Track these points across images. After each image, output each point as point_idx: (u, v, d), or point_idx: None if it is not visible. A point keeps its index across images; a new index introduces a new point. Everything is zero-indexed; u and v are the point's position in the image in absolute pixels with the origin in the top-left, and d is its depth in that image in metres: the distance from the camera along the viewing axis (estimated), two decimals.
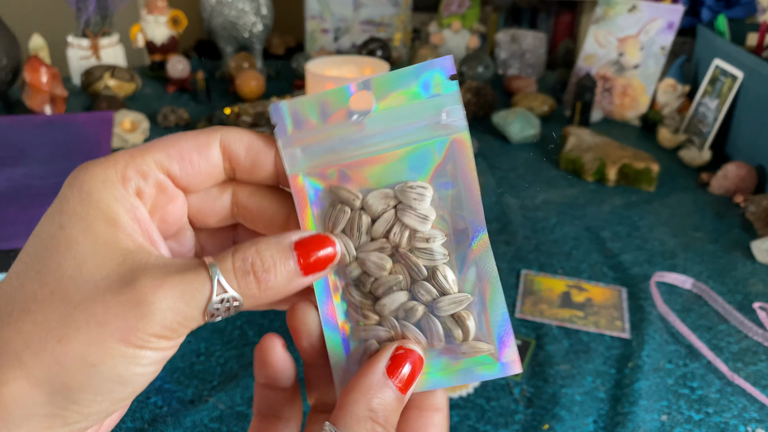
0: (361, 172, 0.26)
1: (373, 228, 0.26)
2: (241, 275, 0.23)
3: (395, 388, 0.25)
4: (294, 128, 0.26)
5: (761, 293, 0.70)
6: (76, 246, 0.23)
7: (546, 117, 1.17)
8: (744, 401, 0.55)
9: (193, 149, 0.25)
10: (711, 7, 1.19)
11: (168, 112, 1.10)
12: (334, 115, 0.26)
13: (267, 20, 1.32)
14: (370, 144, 0.26)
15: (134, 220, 0.24)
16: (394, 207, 0.26)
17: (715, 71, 1.02)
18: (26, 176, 0.86)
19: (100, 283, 0.22)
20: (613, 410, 0.54)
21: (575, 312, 0.66)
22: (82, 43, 1.25)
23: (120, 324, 0.21)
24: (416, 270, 0.26)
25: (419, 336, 0.26)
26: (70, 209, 0.23)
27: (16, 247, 0.70)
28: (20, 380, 0.21)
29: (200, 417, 0.52)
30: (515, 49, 1.36)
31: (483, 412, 0.54)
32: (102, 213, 0.23)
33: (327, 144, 0.26)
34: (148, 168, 0.25)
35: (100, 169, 0.24)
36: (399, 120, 0.25)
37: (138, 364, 0.22)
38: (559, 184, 0.94)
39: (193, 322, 0.23)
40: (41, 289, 0.22)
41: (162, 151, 0.25)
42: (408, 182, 0.26)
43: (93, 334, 0.21)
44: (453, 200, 0.26)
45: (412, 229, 0.26)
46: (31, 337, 0.21)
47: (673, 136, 1.06)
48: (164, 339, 0.22)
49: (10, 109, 1.14)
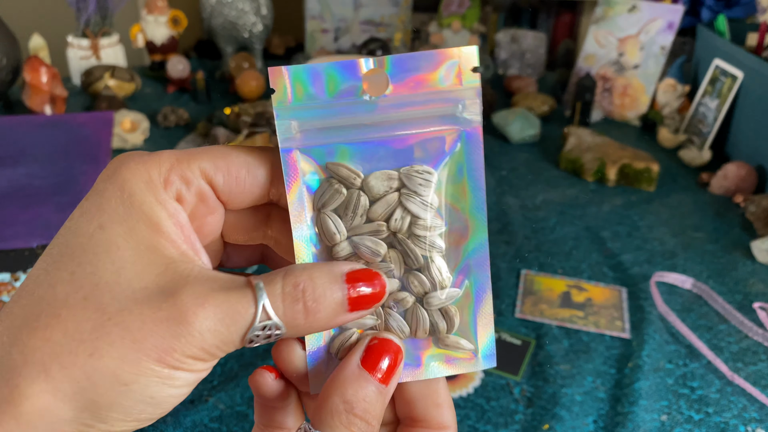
0: (363, 154, 0.25)
1: (371, 209, 0.25)
2: (290, 302, 0.22)
3: (374, 380, 0.24)
4: (294, 98, 0.24)
5: (761, 293, 0.70)
6: (116, 250, 0.21)
7: (546, 117, 1.17)
8: (744, 401, 0.55)
9: (242, 165, 0.24)
10: (711, 7, 1.18)
11: (168, 112, 1.10)
12: (342, 90, 0.24)
13: (267, 20, 1.32)
14: (378, 127, 0.24)
15: (177, 225, 0.23)
16: (396, 190, 0.25)
17: (715, 71, 1.02)
18: (26, 176, 0.86)
19: (139, 293, 0.21)
20: (613, 410, 0.54)
21: (575, 312, 0.66)
22: (82, 43, 1.25)
23: (157, 342, 0.20)
24: (413, 258, 0.25)
25: (403, 326, 0.25)
26: (111, 209, 0.22)
27: (16, 247, 0.70)
28: (46, 394, 0.20)
29: (200, 417, 0.52)
30: (515, 49, 1.36)
31: (483, 412, 0.54)
32: (145, 216, 0.22)
33: (330, 121, 0.24)
34: (192, 175, 0.23)
35: (143, 168, 0.22)
36: (413, 106, 0.24)
37: (171, 385, 0.21)
38: (559, 184, 0.94)
39: (231, 347, 0.22)
40: (74, 294, 0.21)
41: (210, 160, 0.24)
42: (414, 166, 0.25)
43: (127, 351, 0.20)
44: (455, 194, 0.25)
45: (414, 215, 0.25)
46: (60, 348, 0.20)
47: (673, 136, 1.06)
48: (200, 361, 0.21)
49: (10, 109, 1.14)
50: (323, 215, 0.25)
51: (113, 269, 0.21)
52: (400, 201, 0.25)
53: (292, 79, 0.24)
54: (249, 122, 1.02)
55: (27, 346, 0.20)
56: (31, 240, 0.71)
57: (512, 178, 0.96)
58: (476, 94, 0.24)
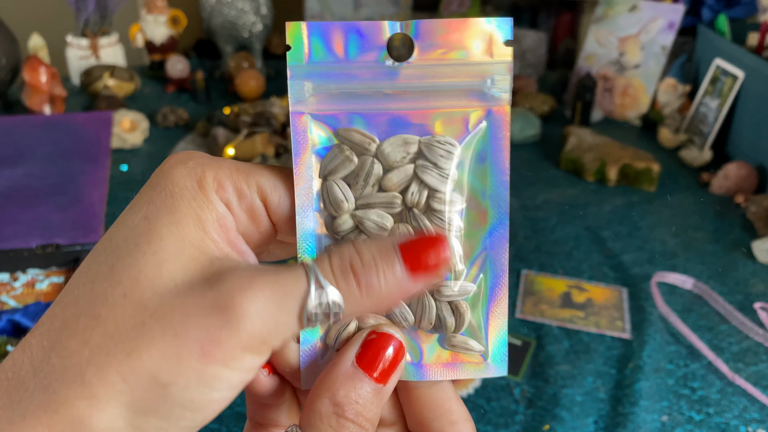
0: (380, 124, 0.23)
1: (385, 178, 0.23)
2: (341, 275, 0.20)
3: (370, 378, 0.22)
4: (310, 58, 0.22)
5: (762, 293, 0.70)
6: (159, 241, 0.20)
7: (546, 117, 1.17)
8: (745, 402, 0.55)
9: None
10: (712, 6, 1.18)
11: (167, 111, 1.10)
12: (363, 54, 0.22)
13: (267, 20, 1.32)
14: (399, 97, 0.22)
15: (223, 228, 0.21)
16: (414, 159, 0.23)
17: (715, 71, 1.02)
18: (26, 176, 0.86)
19: (182, 287, 0.19)
20: (613, 411, 0.54)
21: (576, 312, 0.66)
22: (82, 43, 1.25)
23: (200, 335, 0.18)
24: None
25: (407, 314, 0.23)
26: (159, 201, 0.21)
27: (15, 247, 0.70)
28: (80, 401, 0.18)
29: None
30: (515, 49, 1.36)
31: (483, 412, 0.54)
32: (193, 212, 0.21)
33: (347, 85, 0.22)
34: (248, 188, 0.22)
35: (199, 168, 0.21)
36: (438, 77, 0.22)
37: (214, 388, 0.19)
38: (560, 184, 0.94)
39: (287, 330, 0.20)
40: (112, 290, 0.19)
41: (270, 177, 0.22)
42: (436, 135, 0.22)
43: (168, 348, 0.18)
44: (476, 177, 0.23)
45: (432, 188, 0.22)
46: (99, 350, 0.19)
47: (673, 136, 1.06)
48: (250, 353, 0.19)
49: (9, 109, 1.14)
50: (330, 182, 0.23)
51: (155, 261, 0.20)
52: (415, 173, 0.22)
53: (312, 36, 0.22)
54: (248, 122, 1.02)
55: (66, 349, 0.19)
56: (31, 240, 0.71)
57: (512, 178, 0.95)
58: (508, 70, 0.22)
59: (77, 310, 0.19)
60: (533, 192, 0.91)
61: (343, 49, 0.22)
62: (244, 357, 0.19)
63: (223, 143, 0.96)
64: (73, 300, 0.20)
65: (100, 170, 0.87)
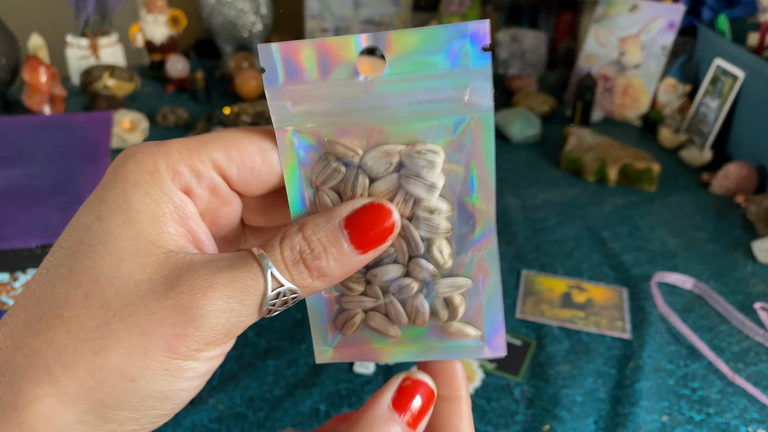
0: (362, 136, 0.23)
1: (372, 187, 0.23)
2: (292, 265, 0.21)
3: (403, 423, 0.23)
4: (286, 78, 0.22)
5: (762, 293, 0.70)
6: (114, 240, 0.20)
7: (546, 117, 1.17)
8: (745, 402, 0.55)
9: (256, 153, 0.23)
10: (712, 6, 1.18)
11: (167, 111, 1.10)
12: (335, 71, 0.22)
13: (266, 20, 1.32)
14: (377, 112, 0.22)
15: (181, 218, 0.22)
16: (396, 169, 0.23)
17: (716, 71, 1.02)
18: (25, 176, 0.86)
19: (142, 285, 0.20)
20: (613, 411, 0.54)
21: (576, 312, 0.66)
22: (81, 43, 1.25)
23: (166, 332, 0.19)
24: (414, 245, 0.23)
25: (401, 315, 0.24)
26: (111, 199, 0.21)
27: (15, 248, 0.69)
28: (50, 398, 0.19)
29: (200, 417, 0.52)
30: (516, 49, 1.36)
31: (483, 412, 0.54)
32: (146, 207, 0.21)
33: (324, 103, 0.22)
34: (203, 167, 0.22)
35: (149, 158, 0.22)
36: (414, 90, 0.22)
37: (182, 378, 0.20)
38: (560, 184, 0.94)
39: (248, 320, 0.21)
40: (74, 291, 0.20)
41: (222, 150, 0.22)
42: (416, 145, 0.22)
43: (135, 345, 0.19)
44: (463, 185, 0.23)
45: (417, 198, 0.23)
46: (65, 349, 0.19)
47: (674, 136, 1.06)
48: (213, 345, 0.20)
49: (9, 109, 1.14)
50: (321, 192, 0.23)
51: (112, 261, 0.20)
52: (400, 183, 0.23)
53: (282, 57, 0.22)
54: (248, 122, 1.02)
55: (31, 349, 0.19)
56: (30, 240, 0.71)
57: (512, 178, 0.96)
58: (487, 77, 0.22)
59: (40, 312, 0.20)
60: (533, 192, 0.91)
61: (315, 68, 0.22)
62: (209, 348, 0.20)
63: None
64: (35, 302, 0.20)
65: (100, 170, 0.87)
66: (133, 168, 0.21)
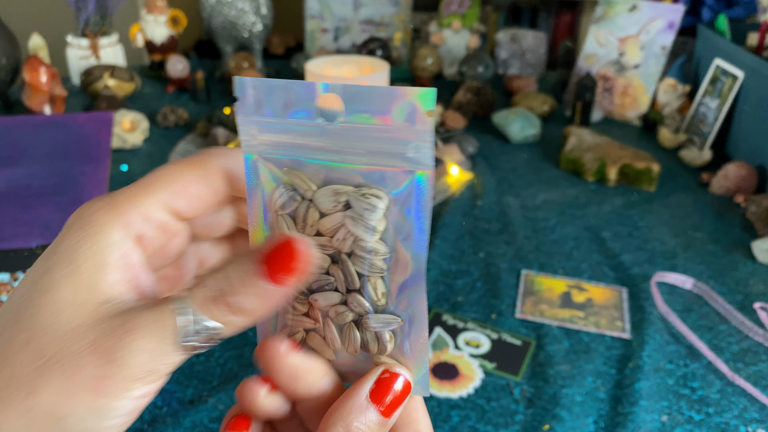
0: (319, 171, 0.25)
1: (321, 222, 0.25)
2: (212, 303, 0.23)
3: (378, 412, 0.24)
4: (255, 110, 0.24)
5: (762, 293, 0.70)
6: (56, 291, 0.22)
7: (546, 117, 1.17)
8: (745, 402, 0.55)
9: (197, 181, 0.25)
10: (711, 6, 1.18)
11: (167, 111, 1.10)
12: (297, 111, 0.24)
13: (267, 20, 1.32)
14: (330, 154, 0.24)
15: (126, 266, 0.24)
16: (343, 208, 0.25)
17: (715, 71, 1.02)
18: (26, 176, 0.86)
19: (74, 332, 0.22)
20: (613, 411, 0.54)
21: (576, 312, 0.66)
22: (82, 43, 1.25)
23: (90, 372, 0.21)
24: (350, 280, 0.25)
25: (336, 340, 0.26)
26: (61, 251, 0.23)
27: (15, 247, 0.70)
28: None
29: (200, 417, 0.52)
30: (515, 49, 1.36)
31: (483, 412, 0.54)
32: (91, 258, 0.23)
33: (286, 137, 0.25)
34: (153, 210, 0.24)
35: (102, 212, 0.24)
36: (362, 141, 0.24)
37: (108, 416, 0.21)
38: (560, 184, 0.94)
39: (169, 358, 0.22)
40: (17, 337, 0.22)
41: (166, 189, 0.25)
42: (362, 189, 0.24)
43: (62, 386, 0.21)
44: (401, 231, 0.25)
45: (357, 238, 0.25)
46: (3, 389, 0.21)
47: (673, 136, 1.06)
48: (139, 383, 0.22)
49: (9, 109, 1.14)
50: (279, 217, 0.25)
51: (51, 312, 0.22)
52: (344, 222, 0.25)
53: (252, 92, 0.24)
54: None
55: None
56: (30, 240, 0.71)
57: (512, 178, 0.96)
58: (429, 138, 0.23)
59: None
60: (533, 192, 0.91)
61: (280, 106, 0.24)
62: (134, 387, 0.22)
63: (223, 143, 0.96)
64: None
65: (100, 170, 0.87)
66: (88, 221, 0.23)
